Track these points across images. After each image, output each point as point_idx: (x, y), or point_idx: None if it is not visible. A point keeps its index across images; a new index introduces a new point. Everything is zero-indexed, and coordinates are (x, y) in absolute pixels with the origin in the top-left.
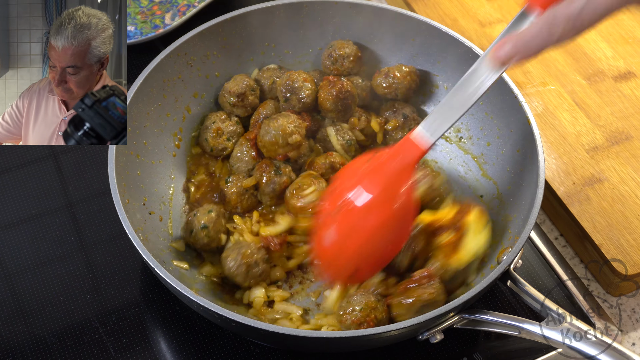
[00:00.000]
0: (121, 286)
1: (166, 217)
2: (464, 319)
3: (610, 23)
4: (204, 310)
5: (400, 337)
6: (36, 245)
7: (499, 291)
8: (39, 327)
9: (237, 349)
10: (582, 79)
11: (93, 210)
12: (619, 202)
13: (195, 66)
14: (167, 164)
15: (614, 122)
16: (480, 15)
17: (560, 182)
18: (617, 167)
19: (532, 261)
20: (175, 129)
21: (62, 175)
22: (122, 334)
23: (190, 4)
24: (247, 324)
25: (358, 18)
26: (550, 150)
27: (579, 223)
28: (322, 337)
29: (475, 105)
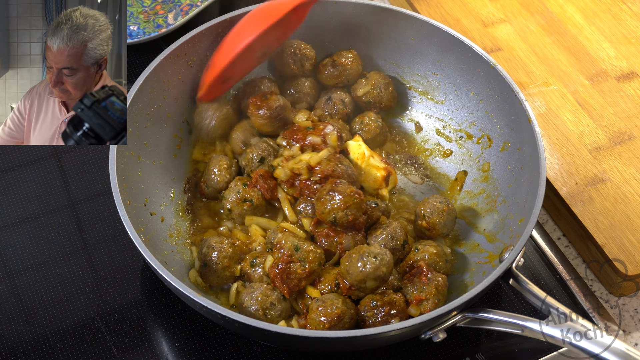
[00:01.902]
0: (123, 285)
1: (168, 218)
2: (467, 317)
3: (613, 23)
4: (207, 311)
5: (403, 336)
6: (38, 245)
7: (500, 290)
8: (42, 326)
9: (239, 349)
10: (585, 79)
11: (95, 209)
12: (622, 203)
13: (195, 67)
14: (168, 165)
15: (616, 123)
16: (483, 15)
17: (563, 182)
18: (619, 167)
19: (534, 261)
20: (175, 130)
21: (64, 174)
22: (125, 334)
23: (193, 4)
24: (250, 324)
25: (358, 18)
26: (553, 150)
27: (582, 223)
28: (324, 337)
29: (476, 103)
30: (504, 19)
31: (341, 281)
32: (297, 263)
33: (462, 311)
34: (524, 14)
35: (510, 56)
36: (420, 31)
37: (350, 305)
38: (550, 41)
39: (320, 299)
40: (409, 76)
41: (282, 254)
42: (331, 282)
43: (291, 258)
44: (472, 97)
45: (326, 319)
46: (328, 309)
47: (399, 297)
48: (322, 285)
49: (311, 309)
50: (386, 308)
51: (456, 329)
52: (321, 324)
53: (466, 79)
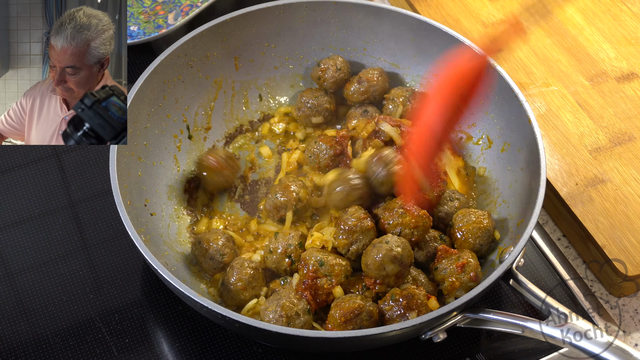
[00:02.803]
0: (123, 285)
1: (168, 219)
2: (467, 318)
3: (613, 24)
4: (208, 311)
5: (403, 336)
6: (38, 245)
7: (500, 290)
8: (42, 327)
9: (240, 349)
10: (585, 80)
11: (95, 209)
12: (622, 203)
13: (196, 67)
14: (168, 166)
15: (616, 123)
16: (483, 16)
17: (563, 183)
18: (620, 168)
19: (534, 262)
20: (175, 131)
21: (64, 174)
22: (125, 334)
23: (193, 4)
24: (251, 325)
25: (358, 18)
26: (553, 151)
27: (582, 224)
28: (325, 337)
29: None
30: (504, 20)
31: (367, 281)
32: (324, 278)
33: (462, 311)
34: (523, 15)
35: (510, 57)
36: (420, 31)
37: (370, 302)
38: (550, 42)
39: (340, 297)
40: (409, 77)
41: (307, 269)
42: (359, 285)
43: (317, 273)
44: (473, 97)
45: (342, 312)
46: (345, 303)
47: (419, 291)
48: (352, 290)
49: (331, 308)
50: (404, 301)
51: (456, 329)
52: (338, 319)
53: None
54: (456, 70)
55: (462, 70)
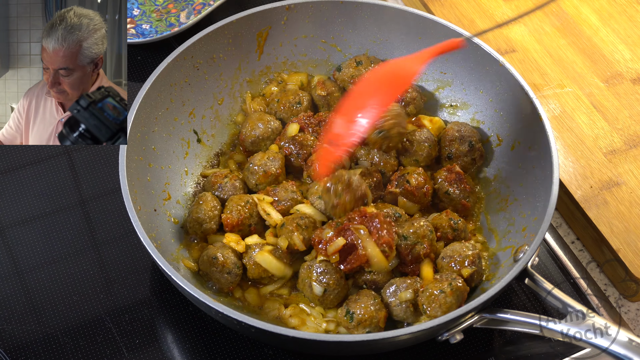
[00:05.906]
0: (133, 285)
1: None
2: (484, 318)
3: (628, 25)
4: (223, 316)
5: (421, 338)
6: (49, 243)
7: (512, 291)
8: (52, 326)
9: (251, 351)
10: (600, 82)
11: (105, 207)
12: (637, 206)
13: (202, 69)
14: (177, 169)
15: (632, 125)
16: (497, 16)
17: (578, 186)
18: (635, 171)
19: (547, 264)
20: (183, 134)
21: (75, 172)
22: (135, 334)
23: (205, 3)
24: (268, 330)
25: (368, 18)
26: (568, 154)
27: (596, 227)
28: (342, 342)
29: (485, 102)
30: (519, 20)
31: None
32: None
33: (479, 312)
34: (538, 15)
35: (525, 58)
36: (427, 30)
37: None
38: (565, 43)
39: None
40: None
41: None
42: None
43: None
44: (481, 96)
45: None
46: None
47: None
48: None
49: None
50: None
51: (474, 331)
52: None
53: (475, 78)
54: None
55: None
